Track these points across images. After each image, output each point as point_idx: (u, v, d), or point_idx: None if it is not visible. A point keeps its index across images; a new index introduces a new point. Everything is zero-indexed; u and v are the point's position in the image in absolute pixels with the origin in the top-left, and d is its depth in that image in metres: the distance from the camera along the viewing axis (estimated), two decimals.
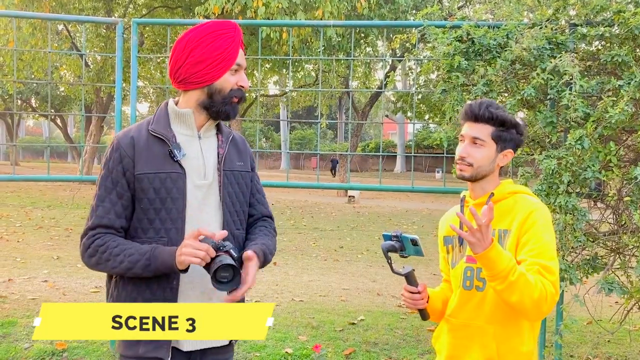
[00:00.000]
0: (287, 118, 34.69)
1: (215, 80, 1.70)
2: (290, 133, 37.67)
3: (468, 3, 17.75)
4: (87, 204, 14.21)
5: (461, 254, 1.86)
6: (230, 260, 1.56)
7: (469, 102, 1.88)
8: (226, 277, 1.57)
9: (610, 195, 3.10)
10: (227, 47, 1.71)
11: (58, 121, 30.13)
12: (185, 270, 1.60)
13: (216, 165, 1.77)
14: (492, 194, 1.81)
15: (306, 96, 24.48)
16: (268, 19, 11.03)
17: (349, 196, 17.66)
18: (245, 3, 10.99)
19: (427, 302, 1.87)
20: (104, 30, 17.68)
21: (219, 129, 1.83)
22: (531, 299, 1.61)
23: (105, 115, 20.53)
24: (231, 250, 1.61)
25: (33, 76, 18.24)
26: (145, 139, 1.71)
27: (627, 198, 3.04)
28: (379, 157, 11.68)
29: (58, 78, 21.49)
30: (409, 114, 24.82)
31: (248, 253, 1.69)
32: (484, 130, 1.78)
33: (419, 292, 1.81)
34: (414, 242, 1.73)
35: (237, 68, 1.73)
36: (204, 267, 1.58)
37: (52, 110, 30.74)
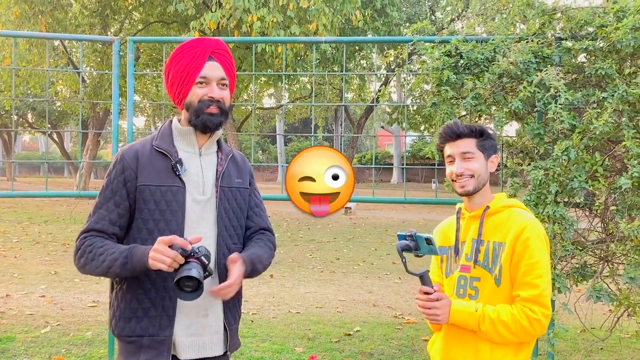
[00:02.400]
0: (283, 131, 34.80)
1: (185, 96, 1.81)
2: (286, 145, 37.73)
3: (459, 17, 17.94)
4: (83, 219, 14.27)
5: (457, 264, 1.93)
6: (195, 273, 1.57)
7: (443, 126, 1.96)
8: (190, 286, 1.59)
9: (597, 204, 3.18)
10: (190, 63, 1.80)
11: (55, 136, 30.21)
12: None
13: (214, 181, 1.84)
14: (488, 207, 1.89)
15: (302, 108, 24.63)
16: (263, 32, 11.15)
17: (346, 207, 17.70)
18: (240, 18, 11.11)
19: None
20: (100, 46, 17.79)
21: (219, 147, 1.91)
22: (513, 334, 1.75)
23: (101, 131, 20.59)
24: (202, 257, 1.63)
25: (30, 92, 18.32)
26: (148, 153, 1.80)
27: (614, 207, 3.11)
28: (376, 167, 11.78)
29: (54, 94, 21.59)
30: (404, 124, 24.99)
31: (232, 256, 1.75)
32: (469, 143, 1.88)
33: (431, 294, 1.82)
34: (429, 241, 1.75)
35: (202, 80, 1.80)
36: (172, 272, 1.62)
37: (49, 126, 30.83)
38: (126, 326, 1.76)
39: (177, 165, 1.78)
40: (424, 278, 1.80)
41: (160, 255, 1.60)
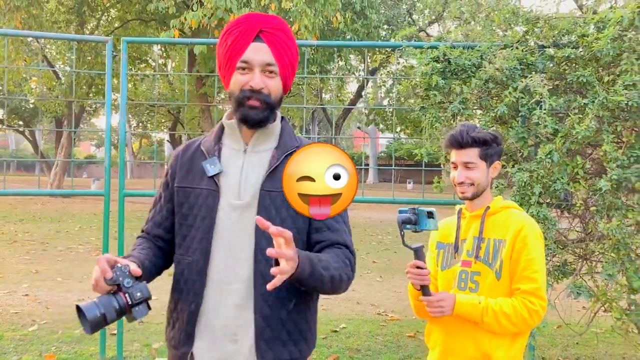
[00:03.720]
0: None
1: (229, 83, 1.56)
2: None
3: (439, 19, 18.21)
4: (60, 218, 13.97)
5: (456, 260, 2.05)
6: (90, 308, 1.32)
7: (450, 132, 2.07)
8: (82, 316, 1.34)
9: (577, 205, 3.35)
10: (232, 44, 1.52)
11: (27, 133, 29.64)
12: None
13: (258, 184, 1.55)
14: (488, 207, 2.03)
15: (280, 108, 24.64)
16: None
17: None
18: (222, 17, 11.12)
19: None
20: (76, 43, 17.57)
21: (281, 142, 1.60)
22: (514, 325, 1.88)
23: (75, 130, 20.31)
24: (127, 295, 1.35)
25: (0, 88, 18.00)
26: (192, 153, 1.64)
27: (593, 208, 3.28)
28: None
29: (29, 91, 21.23)
30: (380, 125, 25.22)
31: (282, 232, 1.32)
32: (472, 153, 2.00)
33: (426, 268, 1.89)
34: (430, 215, 1.80)
35: (243, 65, 1.52)
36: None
37: (21, 123, 30.26)
38: (166, 330, 1.66)
39: (207, 165, 1.56)
40: (418, 252, 1.86)
41: (96, 269, 1.36)
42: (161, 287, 6.05)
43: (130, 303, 1.35)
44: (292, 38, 1.58)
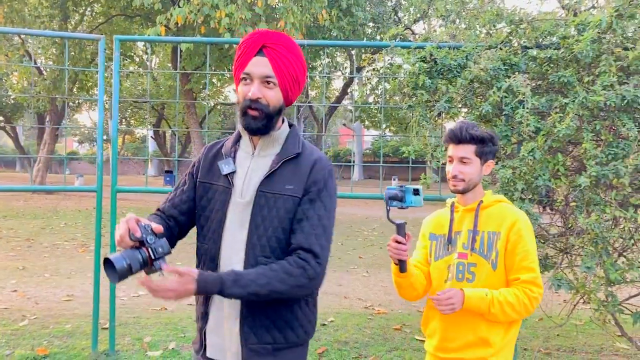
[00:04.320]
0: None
1: (237, 94, 1.72)
2: None
3: (424, 17, 18.37)
4: (44, 214, 13.85)
5: (449, 251, 2.16)
6: (118, 259, 1.48)
7: (450, 127, 2.18)
8: (109, 268, 1.51)
9: (558, 201, 3.48)
10: (238, 58, 1.69)
11: (8, 128, 29.28)
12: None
13: (257, 185, 1.70)
14: (482, 201, 2.14)
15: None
16: (231, 29, 11.22)
17: None
18: (208, 14, 11.13)
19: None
20: (58, 39, 17.41)
21: (285, 147, 1.75)
22: (517, 313, 2.01)
23: (66, 127, 20.14)
24: (150, 250, 1.52)
25: None
26: (215, 152, 1.83)
27: (573, 203, 3.42)
28: (339, 166, 11.96)
29: (10, 86, 21.00)
30: (366, 122, 25.36)
31: (188, 270, 1.56)
32: (468, 149, 2.10)
33: (404, 244, 2.02)
34: (416, 192, 1.91)
35: (245, 77, 1.67)
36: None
37: (2, 119, 29.85)
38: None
39: (222, 165, 1.75)
40: (400, 228, 1.98)
41: (117, 229, 1.54)
42: None
43: (152, 257, 1.52)
44: (296, 53, 1.70)
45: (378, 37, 17.11)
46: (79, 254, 8.42)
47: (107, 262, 1.50)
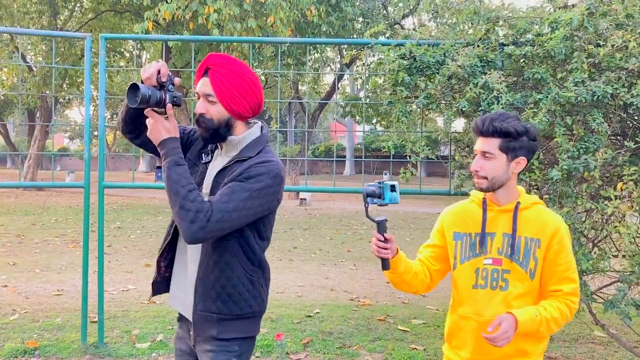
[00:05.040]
0: None
1: None
2: None
3: (413, 12, 18.45)
4: (34, 210, 13.87)
5: (478, 253, 1.99)
6: (143, 88, 1.77)
7: (477, 118, 2.00)
8: (132, 92, 1.80)
9: (532, 194, 3.59)
10: (194, 80, 1.97)
11: None
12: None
13: (213, 177, 1.97)
14: (519, 202, 1.96)
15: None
16: (219, 25, 11.26)
17: (301, 199, 18.01)
18: (196, 10, 11.17)
19: (394, 255, 1.96)
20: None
21: (240, 152, 1.96)
22: (560, 326, 1.92)
23: (49, 124, 20.11)
24: (167, 94, 1.83)
25: None
26: (202, 145, 2.10)
27: (546, 196, 3.53)
28: (330, 160, 12.07)
29: (0, 82, 20.93)
30: (357, 117, 25.46)
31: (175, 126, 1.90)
32: (492, 144, 1.91)
33: (384, 241, 1.90)
34: (393, 188, 1.89)
35: (197, 94, 1.95)
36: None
37: None
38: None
39: (202, 154, 2.05)
40: (379, 225, 1.92)
41: (149, 67, 1.84)
42: (136, 280, 6.30)
43: (167, 100, 1.84)
44: (238, 72, 1.91)
45: (367, 33, 17.19)
46: (70, 250, 8.48)
47: (133, 87, 1.79)
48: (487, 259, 1.97)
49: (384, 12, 18.28)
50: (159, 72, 1.83)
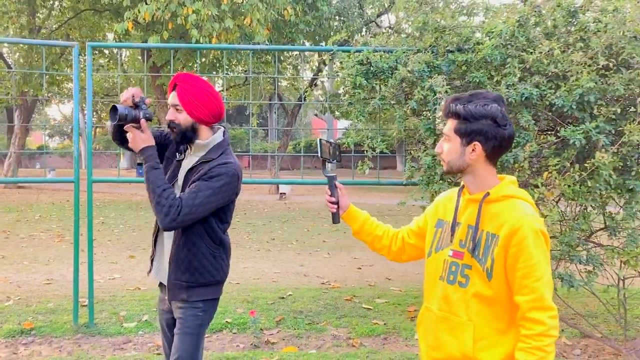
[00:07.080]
0: None
1: None
2: None
3: (388, 10, 18.93)
4: (17, 208, 14.02)
5: (446, 244, 1.87)
6: (121, 108, 2.27)
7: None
8: (113, 112, 2.28)
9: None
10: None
11: None
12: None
13: (184, 173, 2.46)
14: (488, 193, 1.77)
15: (236, 96, 25.10)
16: (198, 25, 11.64)
17: (280, 193, 18.43)
18: (175, 10, 11.52)
19: (344, 211, 2.16)
20: (28, 32, 17.52)
21: (208, 154, 2.42)
22: None
23: (46, 126, 20.23)
24: (141, 112, 2.32)
25: None
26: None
27: None
28: (311, 155, 12.46)
29: None
30: (336, 113, 25.95)
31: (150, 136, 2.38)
32: (450, 125, 1.79)
33: (330, 196, 2.14)
34: (316, 144, 2.23)
35: (169, 106, 2.43)
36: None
37: None
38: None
39: (178, 153, 2.52)
40: (329, 180, 2.19)
41: (126, 92, 2.34)
42: (121, 270, 6.81)
43: (141, 117, 2.33)
44: (198, 86, 2.38)
45: (330, 40, 17.63)
46: (56, 244, 8.84)
47: (113, 109, 2.27)
48: (450, 251, 1.84)
49: (360, 10, 18.73)
50: (133, 95, 2.33)
